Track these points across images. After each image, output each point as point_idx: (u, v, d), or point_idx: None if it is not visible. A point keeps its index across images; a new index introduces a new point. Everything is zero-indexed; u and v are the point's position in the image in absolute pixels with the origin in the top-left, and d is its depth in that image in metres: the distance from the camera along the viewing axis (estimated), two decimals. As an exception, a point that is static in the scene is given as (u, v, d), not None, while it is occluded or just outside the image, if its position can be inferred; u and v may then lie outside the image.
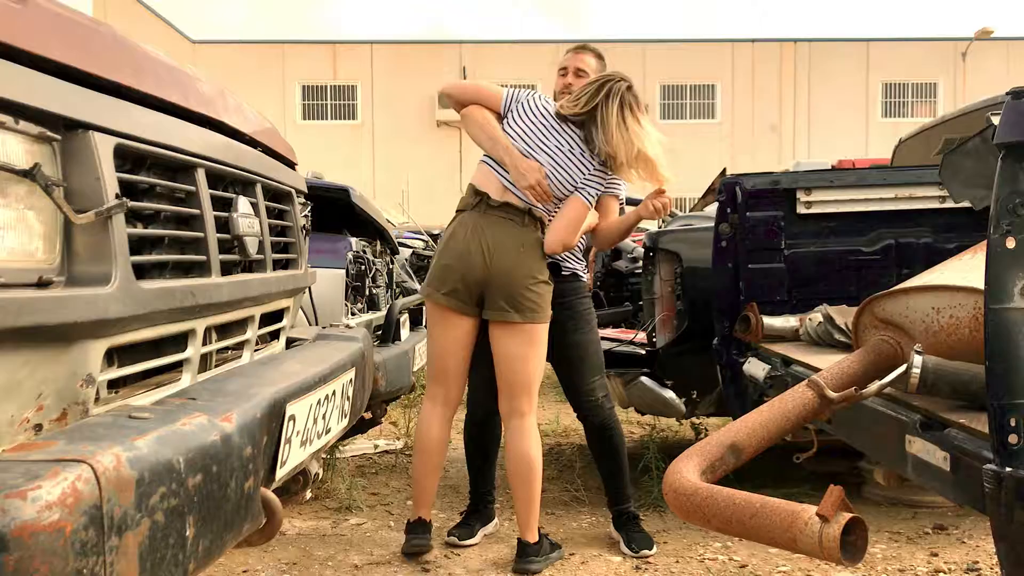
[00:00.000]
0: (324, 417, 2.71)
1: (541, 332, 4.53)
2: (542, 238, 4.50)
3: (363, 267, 5.72)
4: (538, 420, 4.87)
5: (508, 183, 4.52)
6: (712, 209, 6.68)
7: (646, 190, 4.81)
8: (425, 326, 5.35)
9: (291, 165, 3.45)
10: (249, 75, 38.00)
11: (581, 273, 4.91)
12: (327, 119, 40.29)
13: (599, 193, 4.62)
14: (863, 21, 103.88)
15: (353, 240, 5.64)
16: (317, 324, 5.02)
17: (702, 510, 2.36)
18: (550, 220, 4.55)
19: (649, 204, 4.72)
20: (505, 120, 4.62)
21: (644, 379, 5.70)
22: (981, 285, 2.14)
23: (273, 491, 2.23)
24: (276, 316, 3.23)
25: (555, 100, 4.87)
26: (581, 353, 4.87)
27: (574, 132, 4.56)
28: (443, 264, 4.55)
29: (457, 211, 4.67)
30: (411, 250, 9.10)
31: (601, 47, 5.21)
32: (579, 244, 4.80)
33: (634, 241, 7.81)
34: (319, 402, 2.62)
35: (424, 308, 5.88)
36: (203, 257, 2.32)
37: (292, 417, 2.34)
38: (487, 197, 4.52)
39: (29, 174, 1.64)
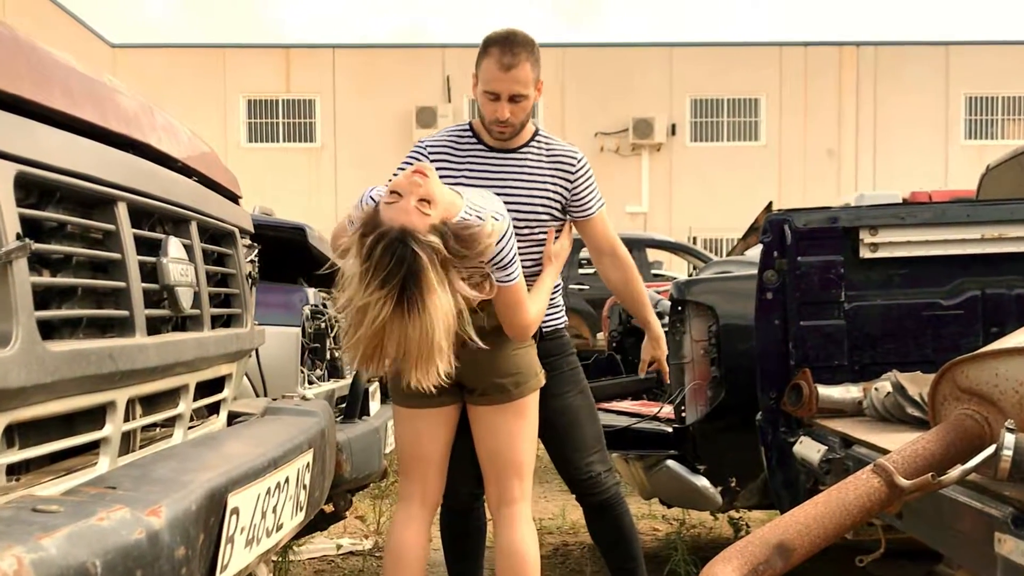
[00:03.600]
0: (275, 510, 2.71)
1: (531, 402, 4.49)
2: None
3: (323, 324, 5.73)
4: (542, 514, 4.85)
5: None
6: (755, 252, 6.70)
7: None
8: None
9: (234, 198, 3.47)
10: (182, 87, 38.09)
11: (562, 325, 4.89)
12: (278, 141, 40.35)
13: (512, 266, 4.26)
14: (942, 20, 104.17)
15: (311, 291, 5.65)
16: (266, 395, 5.02)
17: (743, 626, 2.36)
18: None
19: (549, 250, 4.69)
20: None
21: (671, 463, 5.70)
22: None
23: (210, 603, 2.23)
24: (215, 385, 3.23)
25: (487, 130, 4.71)
26: (571, 419, 4.82)
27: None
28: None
29: None
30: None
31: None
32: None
33: (658, 292, 7.83)
34: (269, 492, 2.62)
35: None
36: (125, 312, 2.33)
37: (235, 510, 2.34)
38: None
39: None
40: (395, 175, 4.17)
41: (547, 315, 4.76)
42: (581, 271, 20.07)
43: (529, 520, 4.53)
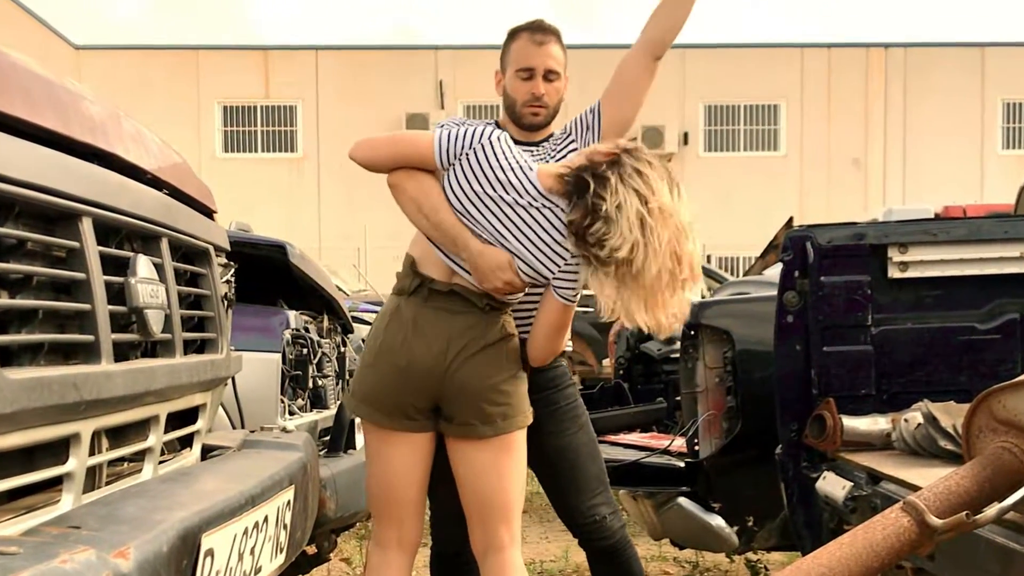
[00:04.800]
0: (253, 552, 2.71)
1: (518, 438, 4.42)
2: (507, 327, 4.42)
3: (305, 350, 5.73)
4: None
5: (455, 264, 4.40)
6: (775, 272, 6.71)
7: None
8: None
9: (208, 213, 3.48)
10: (152, 92, 38.13)
11: (559, 359, 4.85)
12: (256, 151, 40.42)
13: (576, 289, 4.39)
14: (977, 20, 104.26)
15: (292, 314, 5.66)
16: (243, 427, 5.02)
17: None
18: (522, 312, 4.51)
19: None
20: (447, 180, 4.36)
21: (683, 501, 5.70)
22: None
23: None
24: (189, 416, 3.24)
25: (517, 117, 4.79)
26: (572, 460, 4.78)
27: (554, 205, 4.30)
28: (378, 370, 4.40)
29: (393, 293, 4.58)
30: (370, 327, 9.10)
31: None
32: None
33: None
34: (246, 532, 2.62)
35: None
36: (90, 337, 2.33)
37: (210, 552, 2.35)
38: (429, 281, 4.38)
39: None
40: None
41: None
42: (586, 292, 20.09)
43: (521, 568, 4.45)
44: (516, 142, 4.54)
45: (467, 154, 4.29)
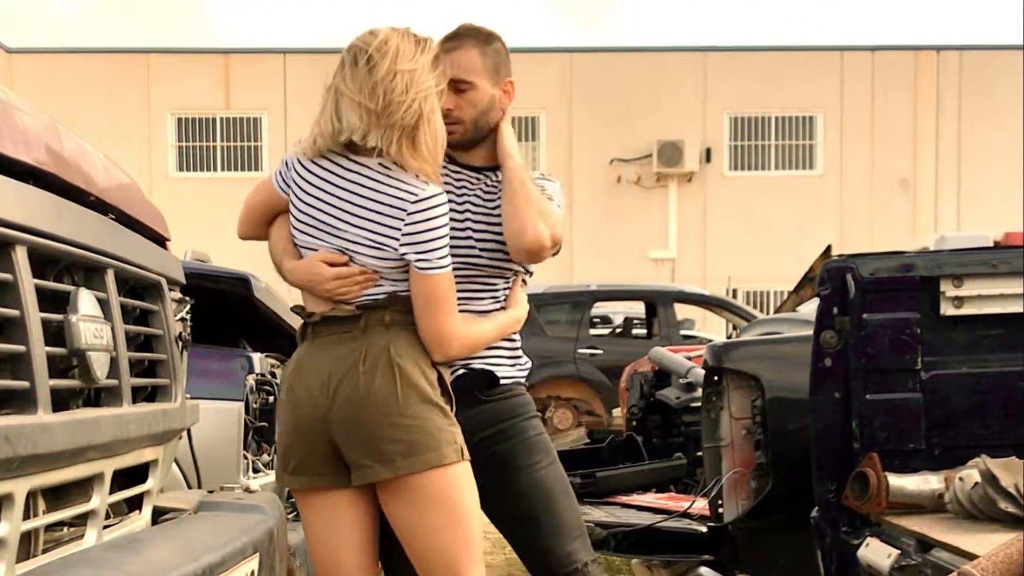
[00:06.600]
0: (210, 631, 2.71)
1: (445, 480, 4.30)
2: (405, 333, 4.40)
3: (271, 398, 5.74)
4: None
5: None
6: (810, 308, 6.73)
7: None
8: None
9: (161, 242, 3.49)
10: (96, 102, 38.18)
11: (520, 377, 4.80)
12: (215, 169, 40.47)
13: (427, 252, 4.34)
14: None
15: (256, 356, 5.67)
16: (200, 487, 5.02)
17: None
18: None
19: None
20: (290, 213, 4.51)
21: (705, 571, 5.70)
22: None
23: None
24: (138, 474, 3.24)
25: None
26: (546, 496, 4.72)
27: (364, 165, 4.36)
28: (279, 430, 4.50)
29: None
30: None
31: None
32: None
33: (689, 358, 7.84)
34: (202, 608, 2.62)
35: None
36: (24, 384, 2.33)
37: (161, 630, 2.35)
38: (308, 316, 4.42)
39: None
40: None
41: (503, 362, 4.73)
42: (593, 332, 20.09)
43: None
44: (460, 167, 4.71)
45: (291, 169, 4.46)
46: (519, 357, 4.80)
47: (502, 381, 4.68)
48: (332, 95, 4.36)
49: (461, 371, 4.57)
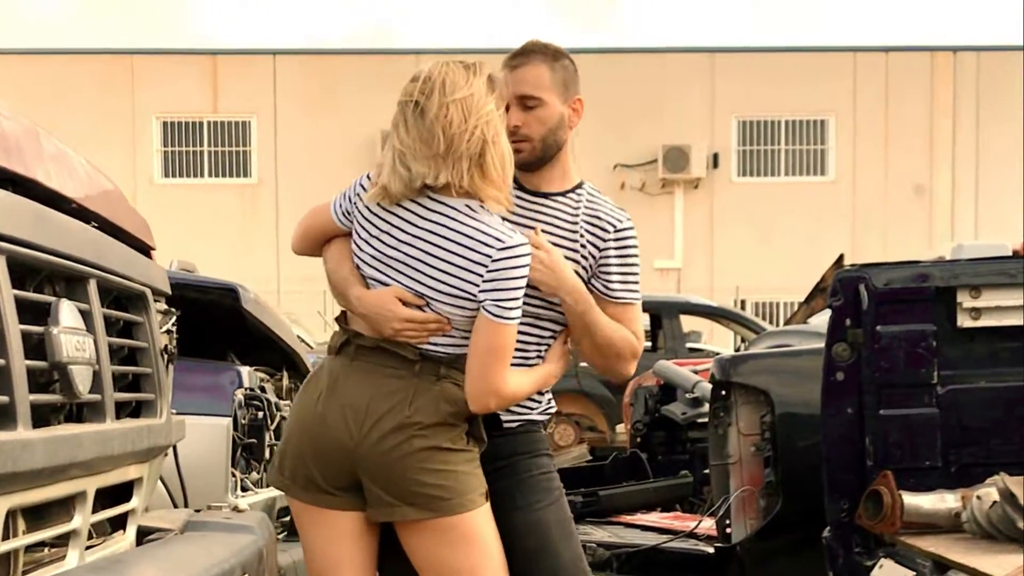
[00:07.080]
0: (196, 657, 2.70)
1: (474, 522, 4.37)
2: (454, 387, 4.41)
3: (260, 413, 5.73)
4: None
5: None
6: (822, 320, 6.73)
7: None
8: None
9: (145, 251, 3.49)
10: (78, 106, 38.14)
11: (537, 416, 4.80)
12: (202, 176, 40.44)
13: (506, 302, 4.36)
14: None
15: (245, 370, 5.66)
16: (187, 505, 5.02)
17: None
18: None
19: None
20: (352, 242, 4.53)
21: (713, 594, 5.70)
22: None
23: None
24: (121, 492, 3.23)
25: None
26: (540, 539, 4.68)
27: (449, 206, 4.37)
28: (291, 437, 4.46)
29: (328, 352, 4.60)
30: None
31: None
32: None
33: (696, 372, 7.84)
34: (187, 632, 2.62)
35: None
36: (3, 398, 2.33)
37: (144, 657, 2.34)
38: (356, 336, 4.42)
39: None
40: None
41: (530, 404, 4.71)
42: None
43: None
44: (524, 189, 4.69)
45: (354, 203, 4.47)
46: (544, 396, 4.79)
47: (507, 423, 4.64)
48: (394, 153, 4.32)
49: None
